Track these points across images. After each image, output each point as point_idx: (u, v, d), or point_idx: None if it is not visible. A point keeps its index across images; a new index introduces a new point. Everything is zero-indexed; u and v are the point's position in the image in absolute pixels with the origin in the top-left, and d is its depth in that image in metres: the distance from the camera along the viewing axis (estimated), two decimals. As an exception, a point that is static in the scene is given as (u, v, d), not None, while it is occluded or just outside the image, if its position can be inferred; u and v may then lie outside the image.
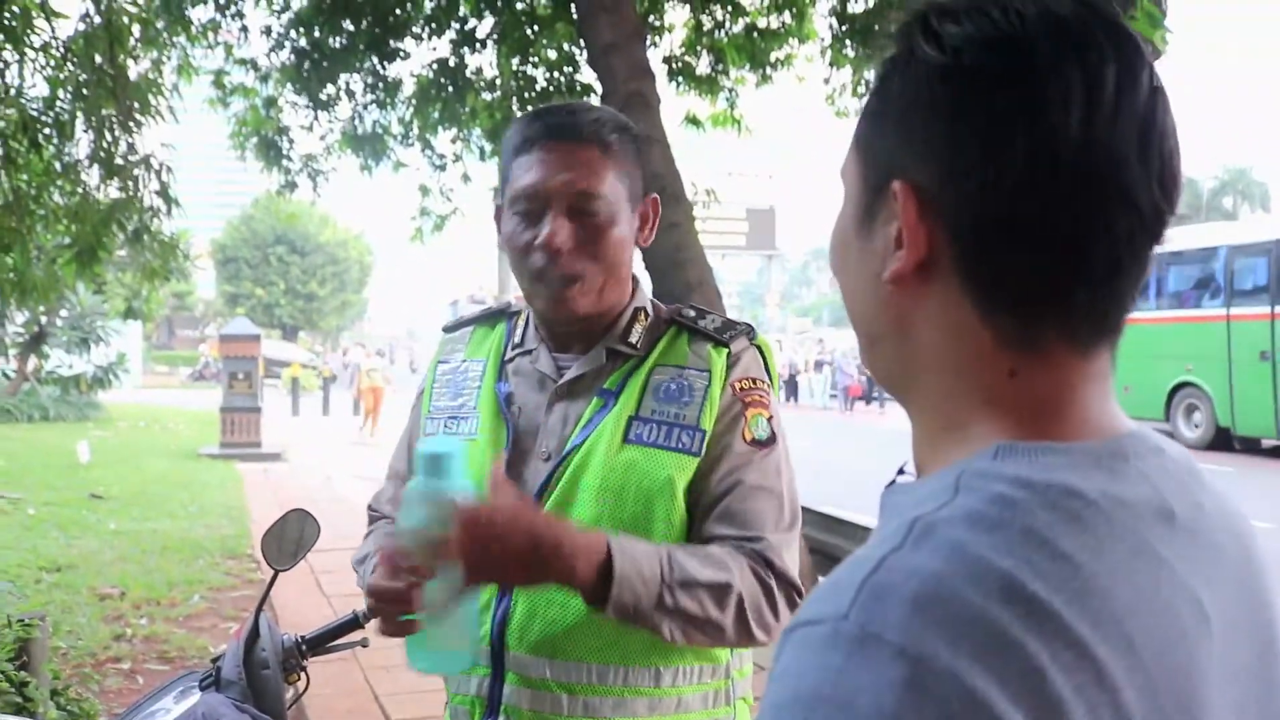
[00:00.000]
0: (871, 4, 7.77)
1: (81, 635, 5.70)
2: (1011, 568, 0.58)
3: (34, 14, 5.60)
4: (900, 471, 0.97)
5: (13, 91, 5.77)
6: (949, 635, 0.55)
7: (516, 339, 1.65)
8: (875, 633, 0.55)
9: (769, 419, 1.54)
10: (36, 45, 5.80)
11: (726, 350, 1.55)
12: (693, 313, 1.62)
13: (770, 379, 1.61)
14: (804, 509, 6.12)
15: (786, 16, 8.21)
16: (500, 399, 1.60)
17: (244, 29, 8.41)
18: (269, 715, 1.71)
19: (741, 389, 1.54)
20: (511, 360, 1.64)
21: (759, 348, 1.61)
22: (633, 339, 1.58)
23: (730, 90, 8.46)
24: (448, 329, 1.78)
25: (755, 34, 8.23)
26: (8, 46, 5.60)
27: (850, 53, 8.04)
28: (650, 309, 1.62)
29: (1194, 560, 0.66)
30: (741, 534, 1.47)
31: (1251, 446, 14.81)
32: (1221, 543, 0.69)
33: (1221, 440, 14.73)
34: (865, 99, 0.75)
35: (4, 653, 3.51)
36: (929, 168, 0.67)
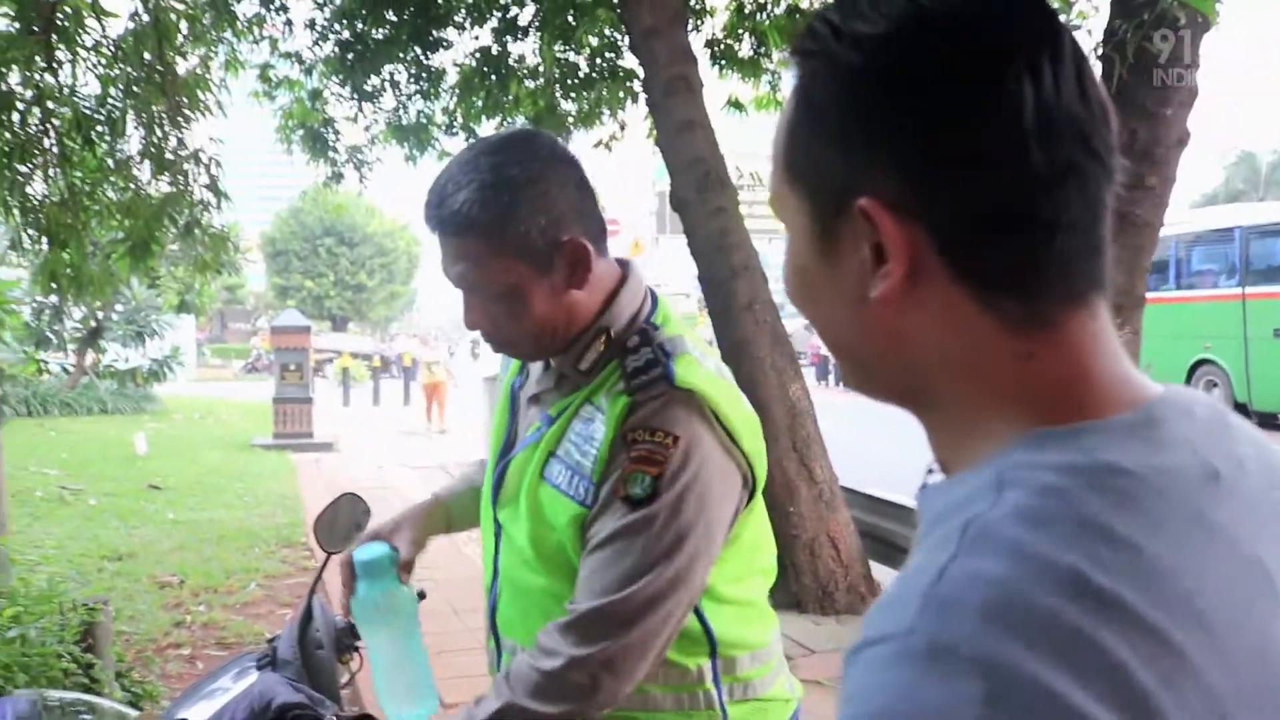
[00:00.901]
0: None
1: (142, 621, 5.82)
2: (1075, 561, 0.56)
3: (85, 14, 5.70)
4: (929, 471, 0.94)
5: (66, 90, 5.88)
6: (1024, 641, 0.53)
7: None
8: (947, 645, 0.54)
9: (656, 477, 1.39)
10: (88, 44, 5.91)
11: (627, 400, 1.44)
12: (636, 340, 1.50)
13: (727, 428, 1.44)
14: (851, 491, 6.08)
15: (829, -4, 8.15)
16: (510, 394, 1.71)
17: (288, 23, 8.50)
18: (324, 694, 1.74)
19: (631, 440, 1.41)
20: None
21: (698, 394, 1.43)
22: (583, 364, 1.52)
23: (773, 73, 8.41)
24: None
25: (797, 15, 8.17)
26: (61, 46, 5.71)
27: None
28: (619, 330, 1.52)
29: (1248, 521, 0.64)
30: (570, 606, 1.45)
31: (1267, 422, 14.92)
32: (1273, 498, 0.67)
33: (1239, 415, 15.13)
34: (784, 121, 0.70)
35: (70, 635, 3.61)
36: (888, 179, 0.64)
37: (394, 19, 8.22)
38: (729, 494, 1.47)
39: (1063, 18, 4.10)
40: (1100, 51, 3.92)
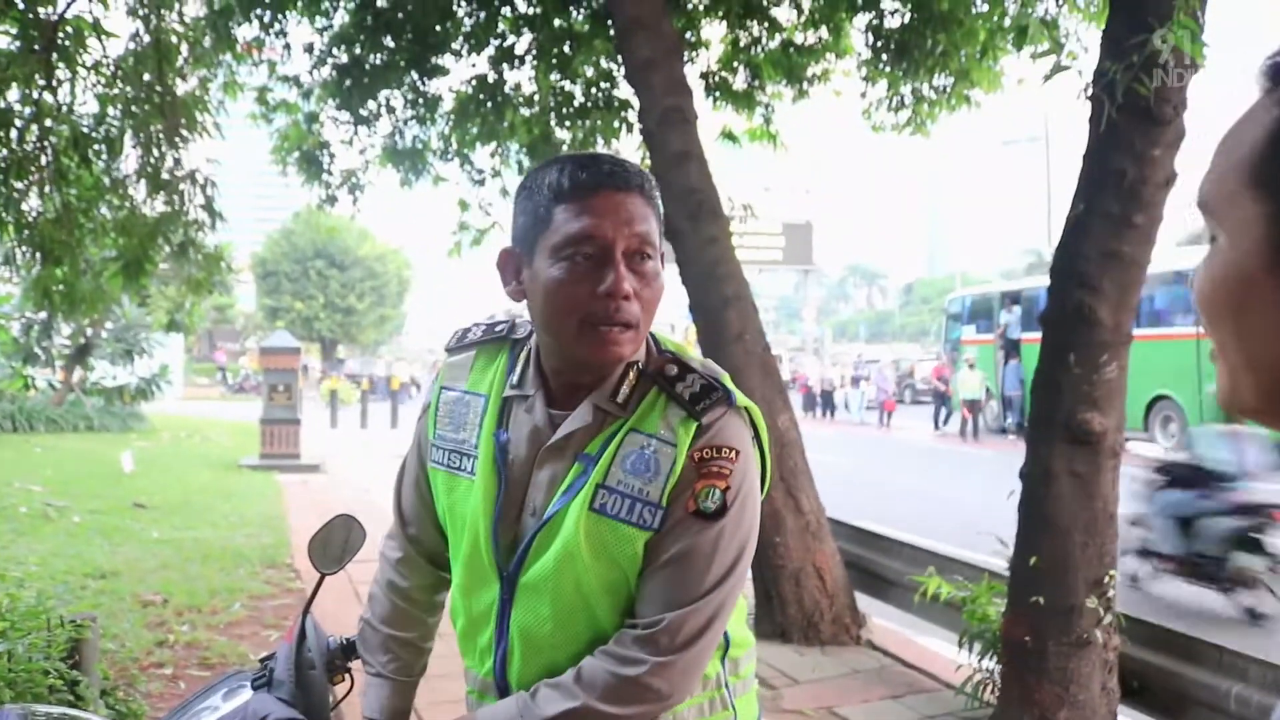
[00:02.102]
0: (908, 20, 7.78)
1: (126, 640, 5.80)
2: None
3: (87, 33, 5.74)
4: None
5: (65, 108, 5.92)
6: None
7: (514, 379, 1.64)
8: None
9: (724, 490, 1.49)
10: (88, 64, 5.95)
11: (697, 424, 1.51)
12: (675, 370, 1.57)
13: (760, 442, 1.58)
14: (838, 523, 6.10)
15: (823, 32, 8.25)
16: (497, 449, 1.61)
17: (287, 46, 8.55)
18: (315, 715, 1.75)
19: (700, 459, 1.50)
20: (510, 401, 1.64)
21: (746, 410, 1.57)
22: (620, 397, 1.55)
23: (766, 105, 8.49)
24: (450, 349, 1.76)
25: (792, 50, 8.27)
26: (61, 65, 5.75)
27: (887, 68, 8.06)
28: (642, 363, 1.58)
29: None
30: (644, 619, 1.51)
31: None
32: None
33: None
34: (1249, 120, 0.68)
35: (57, 651, 3.60)
36: None
37: (391, 45, 8.29)
38: (759, 497, 1.59)
39: (1052, 58, 4.17)
40: (1090, 92, 3.98)
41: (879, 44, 8.04)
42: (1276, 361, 0.67)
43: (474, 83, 8.55)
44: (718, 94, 8.37)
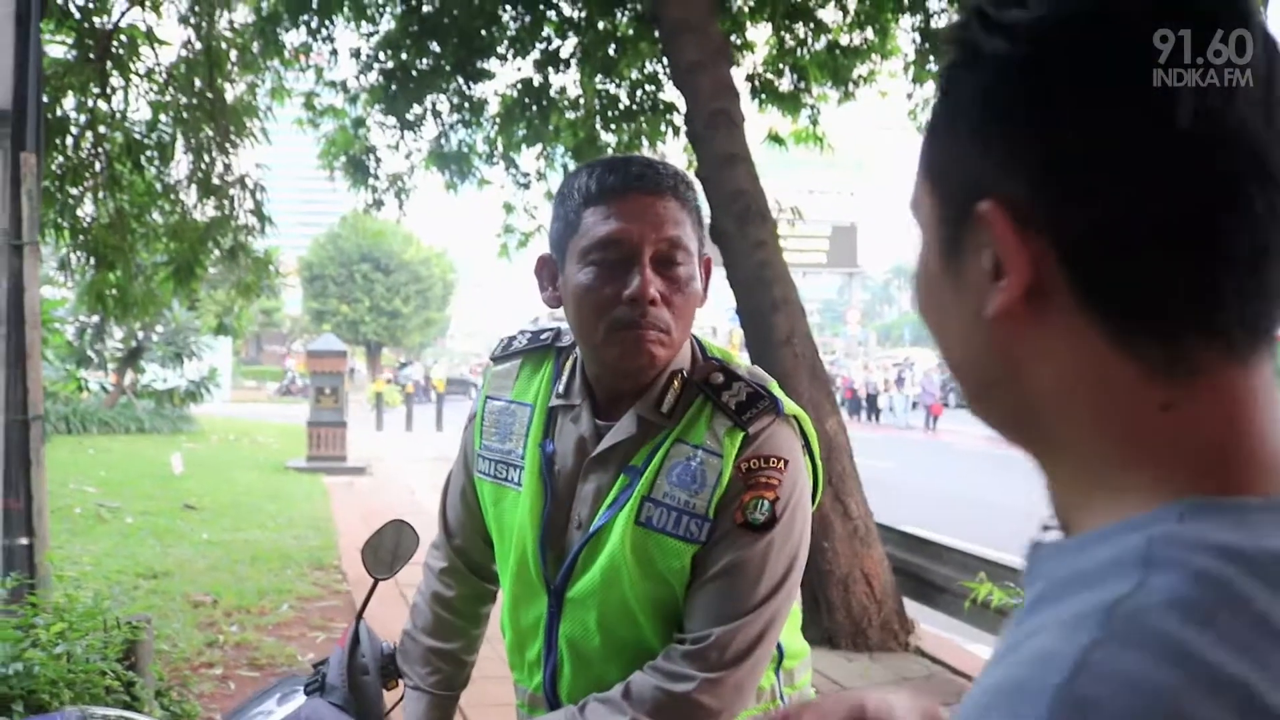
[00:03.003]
0: (955, 19, 7.71)
1: (177, 640, 5.86)
2: (1246, 674, 0.46)
3: (140, 42, 5.83)
4: (1045, 528, 0.84)
5: (118, 115, 6.01)
6: None
7: (560, 388, 1.61)
8: None
9: (773, 501, 1.46)
10: (141, 71, 6.04)
11: (743, 434, 1.48)
12: (721, 378, 1.53)
13: (811, 450, 1.55)
14: (885, 528, 6.05)
15: (869, 33, 8.19)
16: (543, 460, 1.59)
17: (334, 52, 8.63)
18: (368, 720, 1.75)
19: (747, 470, 1.47)
20: (555, 411, 1.61)
21: (795, 418, 1.54)
22: (665, 407, 1.52)
23: (812, 107, 8.45)
24: (496, 358, 1.74)
25: (837, 51, 8.22)
26: (115, 73, 5.84)
27: (934, 68, 7.98)
28: (686, 370, 1.55)
29: None
30: (692, 634, 1.48)
31: None
32: None
33: None
34: (929, 118, 0.65)
35: (114, 652, 3.64)
36: (1019, 179, 0.56)
37: (437, 50, 8.33)
38: (810, 508, 1.55)
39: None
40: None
41: (925, 45, 7.97)
42: (964, 362, 0.64)
43: (519, 86, 8.58)
44: (763, 96, 8.34)
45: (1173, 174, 0.53)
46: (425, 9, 8.14)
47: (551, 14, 8.35)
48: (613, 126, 8.62)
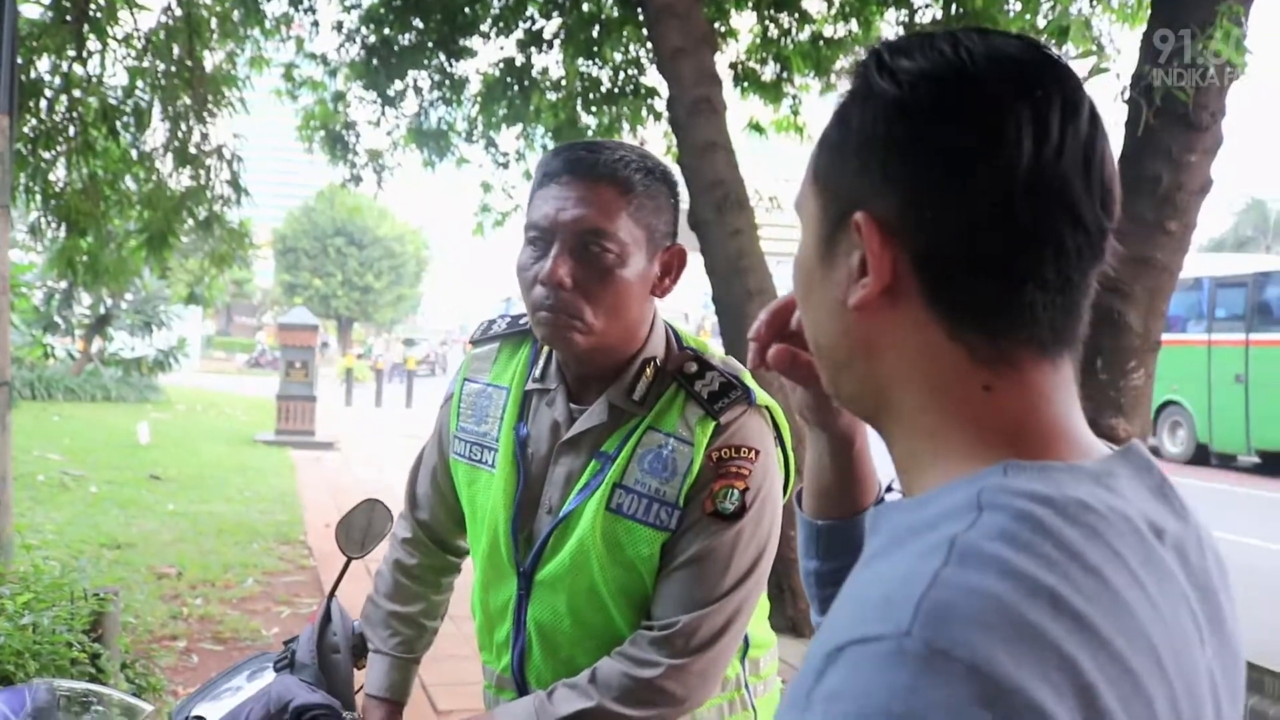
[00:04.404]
0: (939, 15, 7.72)
1: (141, 612, 5.83)
2: (1055, 583, 0.59)
3: (119, 6, 5.75)
4: (888, 489, 0.98)
5: (94, 80, 5.93)
6: (1013, 652, 0.56)
7: (537, 372, 1.63)
8: (943, 649, 0.56)
9: (743, 491, 1.48)
10: (119, 36, 5.95)
11: (715, 423, 1.50)
12: (695, 367, 1.55)
13: (783, 440, 1.57)
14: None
15: (853, 25, 8.19)
16: (517, 443, 1.60)
17: (315, 24, 8.55)
18: (339, 698, 1.75)
19: (719, 459, 1.49)
20: (531, 394, 1.63)
21: (768, 408, 1.56)
22: (636, 394, 1.53)
23: (794, 97, 8.45)
24: (475, 341, 1.76)
25: (821, 42, 8.21)
26: (92, 36, 5.75)
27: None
28: (660, 359, 1.57)
29: (1185, 576, 0.69)
30: (659, 621, 1.50)
31: (1227, 462, 15.94)
32: (1201, 562, 0.72)
33: (1200, 456, 15.92)
34: (822, 132, 0.77)
35: (80, 624, 3.61)
36: (888, 200, 0.69)
37: (420, 26, 8.27)
38: (780, 499, 1.57)
39: (1092, 60, 4.13)
40: (1127, 95, 3.94)
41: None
42: (827, 345, 0.77)
43: (501, 65, 8.52)
44: (745, 84, 8.33)
45: (1004, 213, 0.67)
46: (409, -16, 8.07)
47: (536, -7, 8.30)
48: (594, 109, 8.59)
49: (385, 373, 26.53)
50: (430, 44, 8.32)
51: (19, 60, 4.49)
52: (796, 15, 8.16)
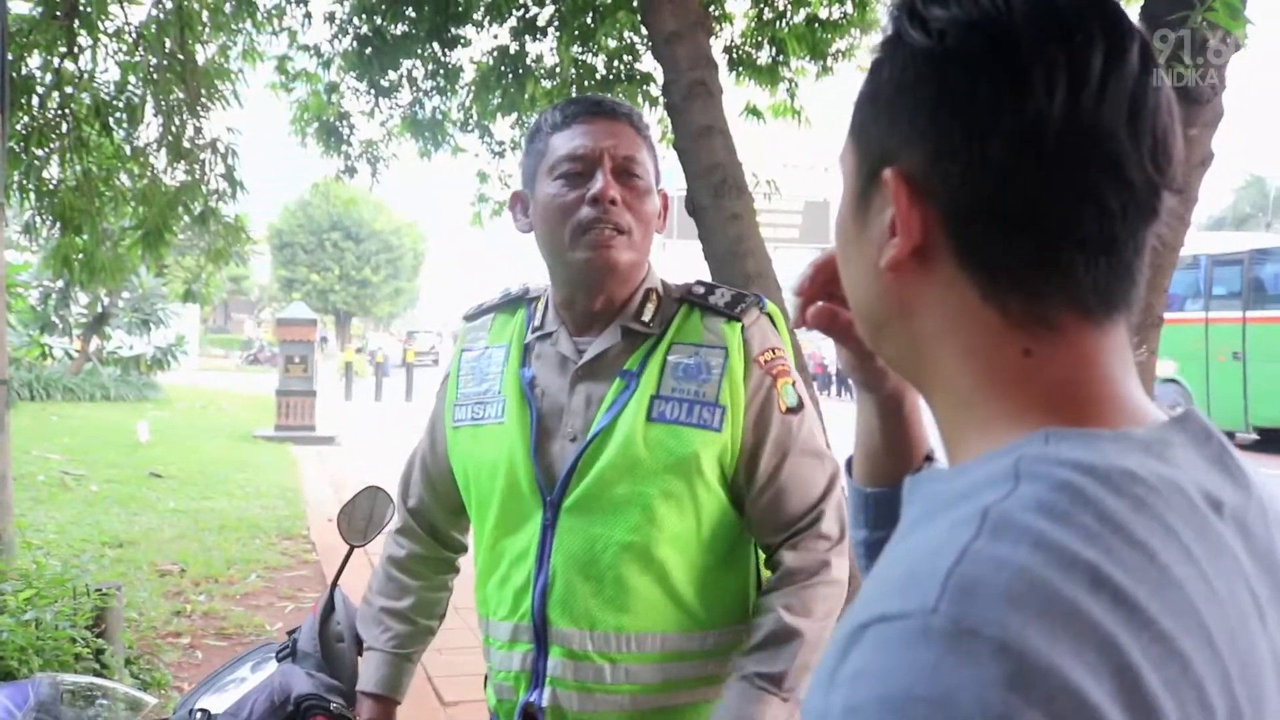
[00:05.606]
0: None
1: (145, 609, 5.82)
2: (1095, 558, 0.56)
3: (109, 0, 5.71)
4: (928, 459, 0.98)
5: (86, 76, 5.89)
6: (1046, 629, 0.53)
7: (536, 322, 1.69)
8: (971, 628, 0.53)
9: (794, 384, 1.61)
10: (110, 30, 5.91)
11: (740, 325, 1.60)
12: (702, 289, 1.66)
13: (785, 344, 1.66)
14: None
15: (848, 7, 8.15)
16: (524, 383, 1.64)
17: (308, 15, 8.48)
18: (343, 686, 1.73)
19: (766, 362, 1.59)
20: (532, 344, 1.67)
21: (770, 315, 1.65)
22: (645, 318, 1.62)
23: (790, 81, 8.41)
24: (469, 317, 1.81)
25: (816, 24, 8.17)
26: (82, 31, 5.71)
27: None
28: (660, 289, 1.66)
29: (1245, 550, 0.64)
30: (798, 515, 1.58)
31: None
32: (1265, 535, 0.68)
33: None
34: (861, 86, 0.74)
35: (83, 619, 3.60)
36: (917, 153, 0.67)
37: (413, 15, 8.20)
38: None
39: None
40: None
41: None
42: (864, 304, 0.75)
43: (495, 54, 8.47)
44: (741, 69, 8.29)
45: (1040, 169, 0.63)
46: (400, -27, 8.02)
47: (529, -19, 8.25)
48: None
49: (384, 365, 26.52)
50: (423, 33, 8.25)
51: (10, 57, 4.46)
52: (791, -2, 8.12)
